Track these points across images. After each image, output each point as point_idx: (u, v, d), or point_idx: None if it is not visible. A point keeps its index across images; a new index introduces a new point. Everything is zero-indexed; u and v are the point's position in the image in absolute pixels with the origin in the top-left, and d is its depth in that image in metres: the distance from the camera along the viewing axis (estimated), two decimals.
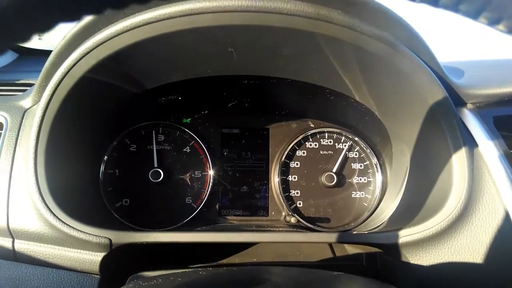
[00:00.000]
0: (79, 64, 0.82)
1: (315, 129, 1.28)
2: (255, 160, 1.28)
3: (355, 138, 1.27)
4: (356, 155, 1.28)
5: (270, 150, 1.28)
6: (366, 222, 1.22)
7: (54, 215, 0.85)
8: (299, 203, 1.25)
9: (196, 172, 1.24)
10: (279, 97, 1.16)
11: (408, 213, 1.00)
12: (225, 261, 1.14)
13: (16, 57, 1.72)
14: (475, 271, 0.87)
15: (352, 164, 1.27)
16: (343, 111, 1.17)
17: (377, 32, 0.79)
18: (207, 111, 1.25)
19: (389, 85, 0.92)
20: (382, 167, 1.25)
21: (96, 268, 0.87)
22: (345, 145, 1.28)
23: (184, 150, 1.25)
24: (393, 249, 0.90)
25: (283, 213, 1.25)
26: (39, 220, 0.87)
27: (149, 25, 0.75)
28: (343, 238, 0.94)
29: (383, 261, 1.09)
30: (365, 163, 1.27)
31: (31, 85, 1.16)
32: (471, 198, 0.88)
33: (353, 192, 1.26)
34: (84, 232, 0.85)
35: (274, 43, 0.82)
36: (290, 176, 1.26)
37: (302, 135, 1.27)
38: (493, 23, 0.36)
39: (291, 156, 1.27)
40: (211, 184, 1.23)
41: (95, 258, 0.87)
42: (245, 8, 0.71)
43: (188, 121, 1.26)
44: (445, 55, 1.10)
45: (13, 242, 0.89)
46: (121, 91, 1.00)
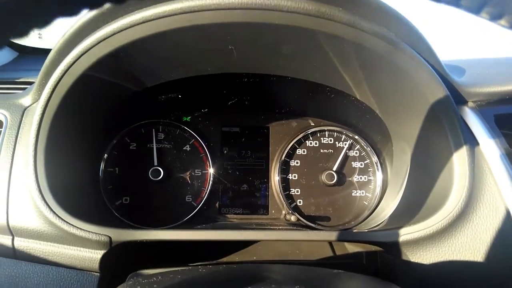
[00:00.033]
0: (79, 61, 0.82)
1: (315, 127, 1.28)
2: (255, 158, 1.28)
3: (356, 136, 1.27)
4: (356, 153, 1.28)
5: (270, 148, 1.28)
6: (366, 220, 1.22)
7: (53, 212, 0.85)
8: (299, 202, 1.25)
9: (196, 170, 1.24)
10: (279, 95, 1.15)
11: (408, 211, 1.00)
12: (225, 259, 1.13)
13: (16, 56, 1.72)
14: (476, 269, 0.87)
15: (352, 162, 1.27)
16: (344, 109, 1.16)
17: (377, 29, 0.79)
18: (207, 109, 1.25)
19: (390, 83, 0.92)
20: (382, 166, 1.24)
21: (96, 265, 0.87)
22: (346, 144, 1.27)
23: (184, 148, 1.24)
24: (393, 248, 0.90)
25: (283, 212, 1.24)
26: (38, 217, 0.87)
27: (149, 23, 0.75)
28: (343, 236, 0.94)
29: (383, 259, 1.09)
30: (365, 162, 1.27)
31: (31, 83, 1.16)
32: (472, 196, 0.88)
33: (353, 190, 1.26)
34: (83, 229, 0.85)
35: (274, 41, 0.82)
36: (290, 174, 1.26)
37: (302, 134, 1.27)
38: (495, 18, 0.35)
39: (291, 154, 1.27)
40: (211, 182, 1.23)
41: (94, 255, 0.87)
42: (245, 5, 0.71)
43: (188, 119, 1.26)
44: (446, 54, 1.10)
45: (12, 239, 0.89)
46: (121, 89, 1.00)
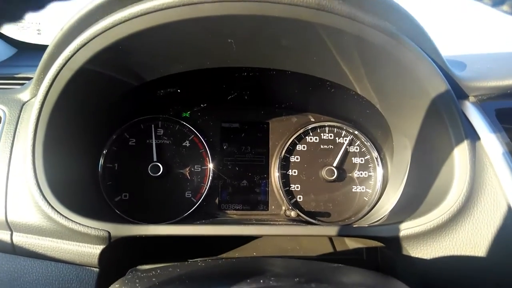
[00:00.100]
0: (77, 55, 0.81)
1: (315, 123, 1.27)
2: (255, 154, 1.28)
3: (356, 132, 1.27)
4: (356, 149, 1.27)
5: (270, 144, 1.28)
6: (366, 216, 1.21)
7: (52, 207, 0.84)
8: (299, 198, 1.24)
9: (195, 166, 1.23)
10: (279, 90, 1.15)
11: (409, 206, 0.99)
12: (225, 255, 1.13)
13: (15, 52, 1.71)
14: (477, 264, 0.87)
15: (352, 158, 1.27)
16: (344, 105, 1.16)
17: (378, 22, 0.78)
18: (206, 104, 1.25)
19: (391, 77, 0.91)
20: (383, 161, 1.24)
21: (95, 261, 0.87)
22: (346, 139, 1.27)
23: (183, 144, 1.24)
24: (393, 243, 0.90)
25: (283, 208, 1.24)
26: (37, 213, 0.86)
27: (147, 16, 0.74)
28: (344, 231, 0.93)
29: (383, 255, 1.09)
30: (365, 157, 1.27)
31: (30, 79, 1.15)
32: (472, 191, 0.87)
33: (353, 186, 1.25)
34: (82, 224, 0.84)
35: (274, 34, 0.81)
36: (290, 170, 1.26)
37: (302, 129, 1.26)
38: (497, 3, 0.35)
39: (291, 150, 1.26)
40: (210, 178, 1.22)
41: (94, 251, 0.86)
42: None
43: (187, 115, 1.25)
44: (447, 48, 1.09)
45: (11, 235, 0.88)
46: (120, 84, 0.99)
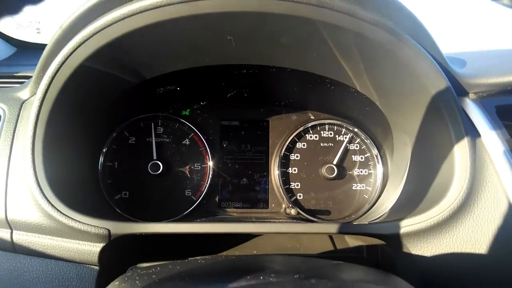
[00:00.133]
0: (76, 52, 0.81)
1: (315, 121, 1.27)
2: (255, 152, 1.27)
3: (356, 129, 1.26)
4: (357, 147, 1.27)
5: (270, 142, 1.27)
6: (366, 214, 1.21)
7: (52, 205, 0.84)
8: (299, 196, 1.24)
9: (195, 164, 1.23)
10: (279, 87, 1.14)
11: (409, 204, 0.99)
12: (225, 254, 1.13)
13: (14, 51, 1.71)
14: (477, 261, 0.87)
15: (352, 156, 1.26)
16: (344, 102, 1.16)
17: (378, 19, 0.78)
18: (205, 102, 1.24)
19: (390, 74, 0.91)
20: (383, 159, 1.24)
21: (95, 259, 0.87)
22: (346, 137, 1.27)
23: (183, 142, 1.24)
24: (394, 240, 0.89)
25: (283, 206, 1.24)
26: (37, 211, 0.86)
27: (146, 12, 0.74)
28: (344, 228, 0.93)
29: (384, 253, 1.09)
30: (365, 155, 1.26)
31: (29, 77, 1.15)
32: (473, 188, 0.87)
33: (353, 184, 1.25)
34: (82, 222, 0.84)
35: (273, 30, 0.81)
36: (290, 168, 1.25)
37: (302, 127, 1.26)
38: None
39: (291, 148, 1.26)
40: (210, 176, 1.22)
41: (94, 249, 0.86)
42: None
43: (187, 113, 1.25)
44: (447, 46, 1.09)
45: (11, 233, 0.88)
46: (120, 81, 0.99)
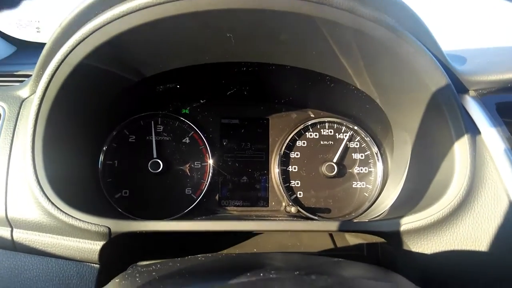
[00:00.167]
0: (76, 50, 0.81)
1: (315, 119, 1.27)
2: (255, 150, 1.27)
3: (356, 127, 1.26)
4: (357, 145, 1.27)
5: (270, 140, 1.27)
6: (367, 212, 1.21)
7: (52, 203, 0.84)
8: (300, 194, 1.24)
9: (195, 162, 1.23)
10: (279, 85, 1.14)
11: (409, 201, 0.99)
12: (225, 252, 1.13)
13: (14, 50, 1.70)
14: (477, 258, 0.87)
15: (352, 154, 1.26)
16: (344, 100, 1.16)
17: (378, 16, 0.78)
18: (205, 100, 1.24)
19: (390, 71, 0.91)
20: (383, 156, 1.24)
21: (95, 257, 0.87)
22: (346, 135, 1.27)
23: (183, 140, 1.24)
24: (394, 237, 0.89)
25: (284, 204, 1.24)
26: (37, 209, 0.86)
27: (146, 9, 0.74)
28: (344, 226, 0.93)
29: (384, 250, 1.08)
30: (366, 153, 1.26)
31: (29, 76, 1.15)
32: (473, 185, 0.87)
33: (353, 182, 1.25)
34: (82, 220, 0.84)
35: (273, 28, 0.81)
36: (290, 166, 1.25)
37: (302, 125, 1.26)
38: None
39: (291, 146, 1.26)
40: (210, 174, 1.22)
41: (94, 247, 0.86)
42: None
43: (187, 111, 1.25)
44: (447, 43, 1.09)
45: (11, 231, 0.88)
46: (119, 79, 0.99)
